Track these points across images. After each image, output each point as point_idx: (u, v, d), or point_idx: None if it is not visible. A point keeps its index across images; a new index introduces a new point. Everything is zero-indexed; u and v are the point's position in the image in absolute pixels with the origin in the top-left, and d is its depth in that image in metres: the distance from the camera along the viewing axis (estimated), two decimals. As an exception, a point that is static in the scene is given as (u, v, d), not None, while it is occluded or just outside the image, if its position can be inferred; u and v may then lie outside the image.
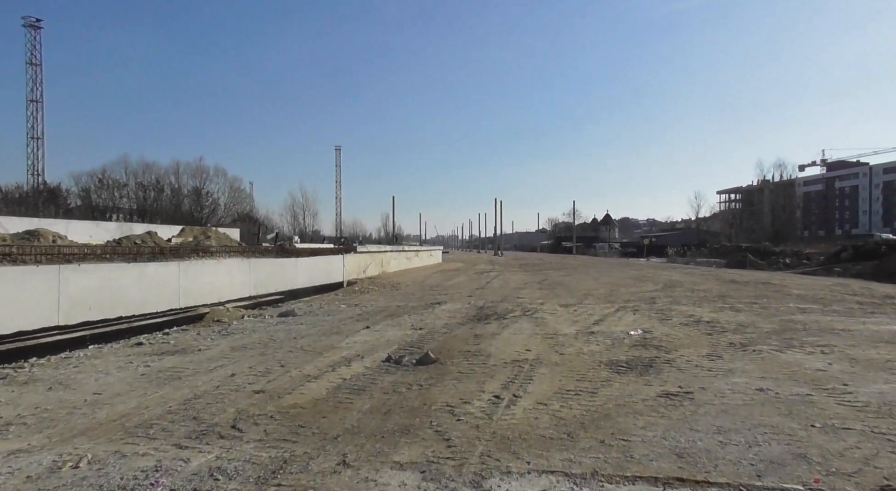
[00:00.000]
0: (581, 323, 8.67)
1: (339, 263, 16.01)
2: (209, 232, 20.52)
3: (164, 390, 4.85)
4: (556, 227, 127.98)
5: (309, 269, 14.03)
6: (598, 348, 6.60)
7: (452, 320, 9.14)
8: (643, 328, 8.02)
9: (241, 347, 6.88)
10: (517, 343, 6.98)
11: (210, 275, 9.90)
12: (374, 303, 11.88)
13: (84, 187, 55.39)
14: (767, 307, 10.25)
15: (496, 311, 10.29)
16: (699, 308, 10.33)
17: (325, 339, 7.42)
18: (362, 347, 6.78)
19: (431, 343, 7.04)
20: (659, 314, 9.53)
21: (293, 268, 13.09)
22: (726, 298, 11.94)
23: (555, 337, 7.39)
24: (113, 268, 7.80)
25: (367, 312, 10.27)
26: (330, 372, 5.53)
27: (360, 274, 18.23)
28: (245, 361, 6.04)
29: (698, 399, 4.40)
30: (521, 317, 9.47)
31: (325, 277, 15.00)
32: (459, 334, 7.70)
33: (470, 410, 4.21)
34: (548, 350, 6.54)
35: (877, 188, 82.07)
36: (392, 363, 5.92)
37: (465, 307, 10.96)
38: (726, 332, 7.68)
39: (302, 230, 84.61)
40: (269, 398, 4.58)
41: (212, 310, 9.09)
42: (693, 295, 12.79)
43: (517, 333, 7.82)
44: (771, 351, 6.28)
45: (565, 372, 5.44)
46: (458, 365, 5.81)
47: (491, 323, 8.81)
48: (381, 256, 20.54)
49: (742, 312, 9.72)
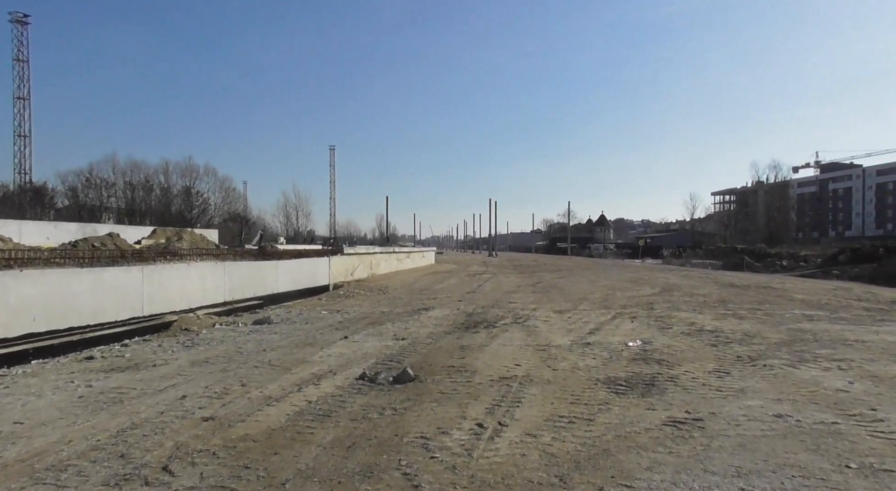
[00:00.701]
0: (576, 332, 8.11)
1: (324, 266, 15.38)
2: (184, 233, 19.76)
3: (97, 418, 4.23)
4: (550, 227, 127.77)
5: (291, 272, 13.40)
6: (595, 363, 6.04)
7: (438, 329, 8.56)
8: (642, 339, 7.47)
9: (203, 361, 6.26)
10: (506, 356, 6.41)
11: (179, 280, 9.27)
12: (358, 309, 11.27)
13: (71, 186, 54.37)
14: (772, 314, 9.73)
15: (486, 318, 9.71)
16: (700, 315, 9.80)
17: (298, 351, 6.81)
18: (336, 362, 6.18)
19: (413, 356, 6.45)
20: (658, 322, 8.98)
21: (273, 271, 12.46)
22: (727, 304, 11.43)
23: (547, 349, 6.82)
24: (63, 273, 7.15)
25: (349, 320, 9.66)
26: (295, 393, 4.93)
27: (347, 277, 17.61)
28: (202, 379, 5.43)
29: (710, 429, 3.84)
30: (512, 325, 8.90)
31: (309, 280, 14.37)
32: (444, 346, 7.12)
33: (447, 443, 3.63)
34: (539, 365, 5.97)
35: (870, 190, 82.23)
36: (366, 381, 5.33)
37: (454, 314, 10.38)
38: (731, 343, 7.15)
39: (295, 230, 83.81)
40: (217, 428, 3.98)
41: (180, 317, 8.47)
42: (692, 300, 12.27)
43: (507, 343, 7.25)
44: (783, 366, 5.73)
45: (558, 392, 4.87)
46: (440, 383, 5.23)
47: (479, 332, 8.23)
48: (370, 257, 19.91)
49: (746, 319, 9.19)
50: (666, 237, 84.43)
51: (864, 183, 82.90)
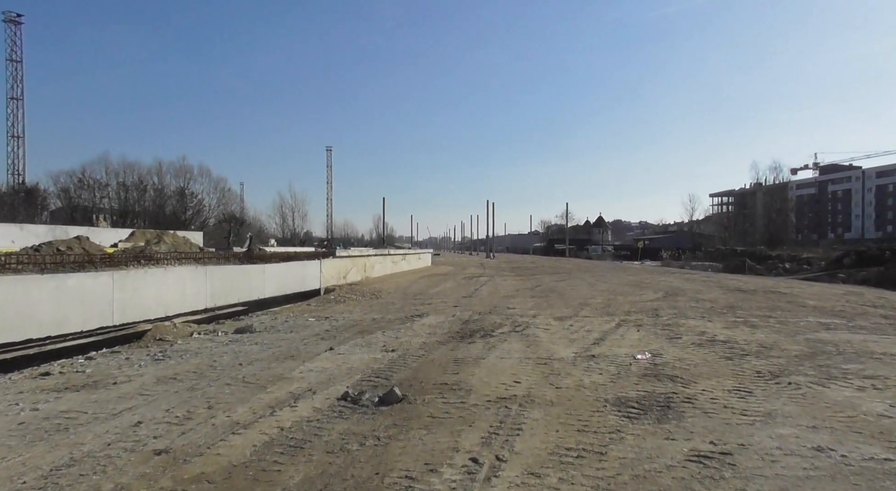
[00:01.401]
0: (579, 342, 7.57)
1: (314, 269, 14.81)
2: (165, 236, 19.06)
3: (32, 451, 3.67)
4: (548, 229, 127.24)
5: (279, 276, 12.84)
6: (602, 379, 5.49)
7: (432, 339, 8.00)
8: (651, 350, 6.93)
9: (171, 377, 5.69)
10: (504, 371, 5.86)
11: (155, 286, 8.70)
12: (348, 315, 10.70)
13: (63, 187, 53.60)
14: (785, 322, 9.20)
15: (483, 326, 9.16)
16: (709, 323, 9.26)
17: (277, 365, 6.25)
18: (318, 378, 5.62)
19: (402, 371, 5.90)
20: (666, 331, 8.45)
21: (260, 275, 11.89)
22: (736, 310, 10.90)
23: (549, 362, 6.28)
24: (19, 280, 6.58)
25: (337, 328, 9.09)
26: (267, 417, 4.37)
27: (340, 280, 17.03)
28: (165, 400, 4.86)
29: (742, 466, 3.30)
30: (510, 334, 8.36)
31: (298, 284, 13.81)
32: (437, 358, 6.56)
33: (436, 486, 3.08)
34: (541, 382, 5.43)
35: (870, 192, 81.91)
36: (349, 402, 4.78)
37: (449, 321, 9.82)
38: (748, 355, 6.61)
39: (291, 231, 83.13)
40: (170, 464, 3.43)
41: (155, 326, 7.91)
42: (699, 306, 11.74)
43: (505, 355, 6.70)
44: (810, 385, 5.20)
45: (563, 417, 4.33)
46: (430, 405, 4.68)
47: (476, 342, 7.68)
48: (363, 260, 19.33)
49: (759, 328, 8.66)
50: (664, 239, 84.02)
51: (864, 185, 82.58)
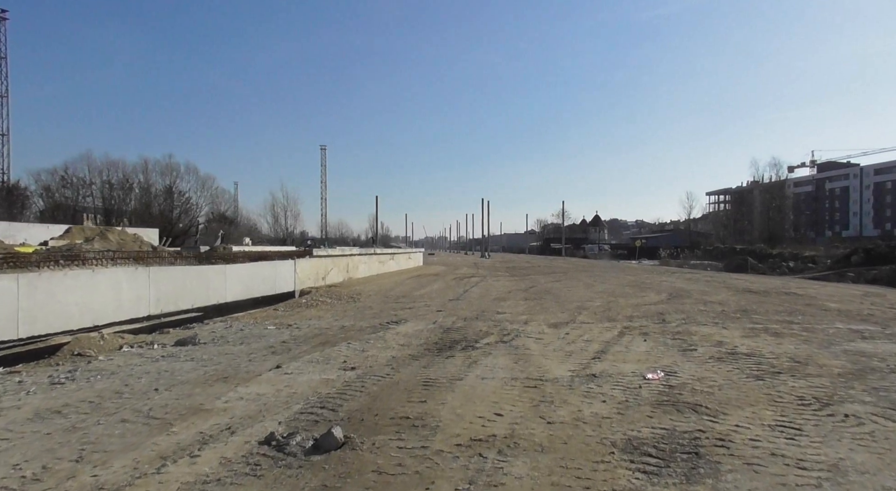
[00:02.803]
0: (576, 356, 6.40)
1: (288, 270, 13.58)
2: (110, 233, 17.60)
3: None
4: (544, 228, 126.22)
5: (245, 277, 11.62)
6: (606, 410, 4.32)
7: (404, 352, 6.81)
8: (663, 367, 5.76)
9: (56, 409, 4.47)
10: (484, 398, 4.68)
11: (81, 290, 7.48)
12: (316, 322, 9.48)
13: (45, 186, 52.05)
14: (812, 329, 8.07)
15: (466, 335, 7.98)
16: (725, 330, 8.12)
17: (202, 391, 5.04)
18: (245, 410, 4.42)
19: (357, 399, 4.71)
20: (677, 341, 7.29)
21: (220, 277, 10.66)
22: (751, 315, 9.76)
23: (540, 385, 5.11)
24: None
25: (297, 338, 7.88)
26: (150, 476, 3.18)
27: (318, 282, 15.81)
28: (24, 447, 3.66)
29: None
30: (496, 345, 7.18)
31: (268, 286, 12.59)
32: (404, 380, 5.37)
33: None
34: (529, 413, 4.26)
35: (867, 189, 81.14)
36: (272, 448, 3.59)
37: (429, 329, 8.64)
38: (781, 373, 5.46)
39: (284, 231, 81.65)
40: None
41: (76, 339, 6.70)
42: (708, 309, 10.60)
43: (487, 375, 5.52)
44: (875, 417, 4.04)
45: (556, 471, 3.16)
46: (381, 452, 3.50)
47: (455, 356, 6.50)
48: (346, 260, 18.07)
49: (783, 336, 7.52)
50: (662, 238, 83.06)
51: (862, 182, 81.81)
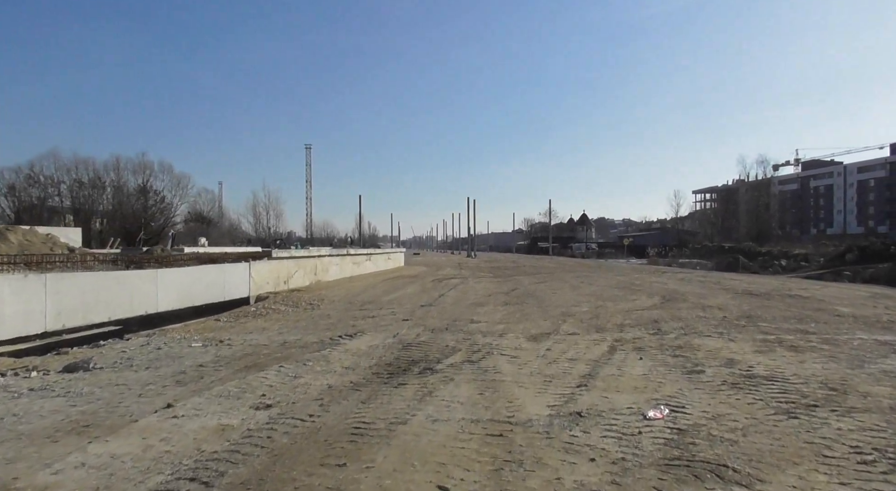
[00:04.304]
0: (558, 383, 5.14)
1: (240, 274, 12.17)
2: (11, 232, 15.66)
3: None
4: (532, 227, 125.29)
5: (184, 283, 10.21)
6: (596, 477, 3.05)
7: (346, 378, 5.49)
8: (667, 399, 4.52)
9: None
10: (428, 457, 3.39)
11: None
12: (255, 336, 8.10)
13: (10, 184, 49.66)
14: (833, 342, 6.90)
15: (428, 352, 6.68)
16: (732, 343, 6.92)
17: (37, 450, 3.67)
18: (74, 490, 3.07)
19: (248, 463, 3.38)
20: (679, 358, 6.06)
21: (149, 284, 9.24)
22: (757, 322, 8.61)
23: (508, 433, 3.82)
24: None
25: (220, 360, 6.50)
26: None
27: (280, 286, 14.40)
28: None
29: None
30: (462, 367, 5.89)
31: (215, 293, 11.18)
32: (329, 425, 4.06)
33: None
34: (488, 484, 2.97)
35: (851, 187, 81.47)
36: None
37: (386, 344, 7.32)
38: (817, 407, 4.25)
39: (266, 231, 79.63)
40: None
41: (-75, 367, 5.29)
42: (707, 315, 9.43)
43: (441, 415, 4.23)
44: (977, 491, 2.82)
45: None
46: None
47: (407, 384, 5.20)
48: (313, 262, 16.66)
49: (803, 351, 6.34)
50: (649, 236, 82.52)
51: (846, 180, 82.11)
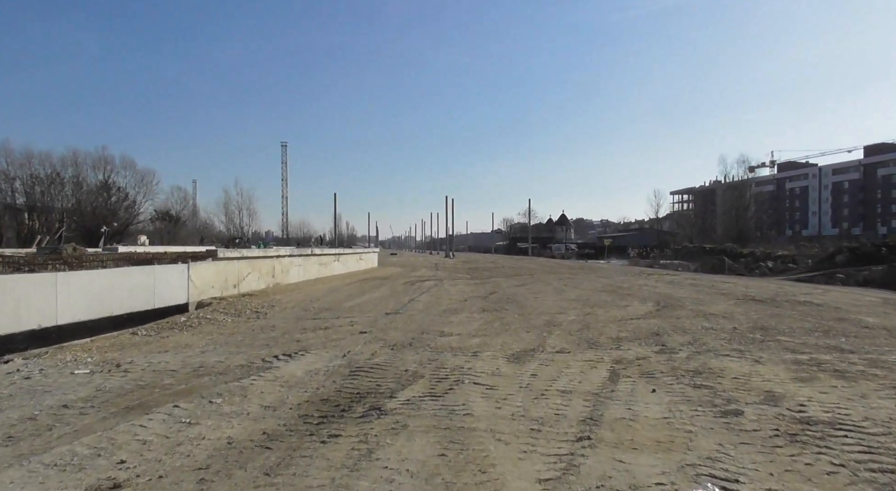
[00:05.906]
0: (549, 434, 3.69)
1: (177, 277, 10.49)
2: None
3: None
4: (511, 227, 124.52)
5: (98, 289, 8.53)
6: None
7: (259, 425, 3.95)
8: (709, 467, 3.11)
9: None
10: None
11: None
12: (168, 357, 6.46)
13: (-47, 180, 46.31)
14: (882, 365, 5.63)
15: (381, 380, 5.18)
16: (759, 365, 5.60)
17: None
18: None
19: None
20: (702, 390, 4.68)
21: (47, 291, 7.53)
22: (775, 336, 7.33)
23: (476, 544, 2.36)
24: None
25: (98, 396, 4.87)
26: None
27: (228, 290, 12.71)
28: None
29: None
30: (421, 404, 4.41)
31: (142, 299, 9.50)
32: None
33: None
34: None
35: (826, 189, 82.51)
36: None
37: (331, 368, 5.78)
38: (928, 480, 2.89)
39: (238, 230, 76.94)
40: None
41: None
42: (714, 326, 8.15)
43: (377, 501, 2.74)
44: None
45: None
46: None
47: (340, 437, 3.69)
48: (270, 262, 14.97)
49: (854, 379, 5.03)
50: (629, 237, 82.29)
51: (821, 182, 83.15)
